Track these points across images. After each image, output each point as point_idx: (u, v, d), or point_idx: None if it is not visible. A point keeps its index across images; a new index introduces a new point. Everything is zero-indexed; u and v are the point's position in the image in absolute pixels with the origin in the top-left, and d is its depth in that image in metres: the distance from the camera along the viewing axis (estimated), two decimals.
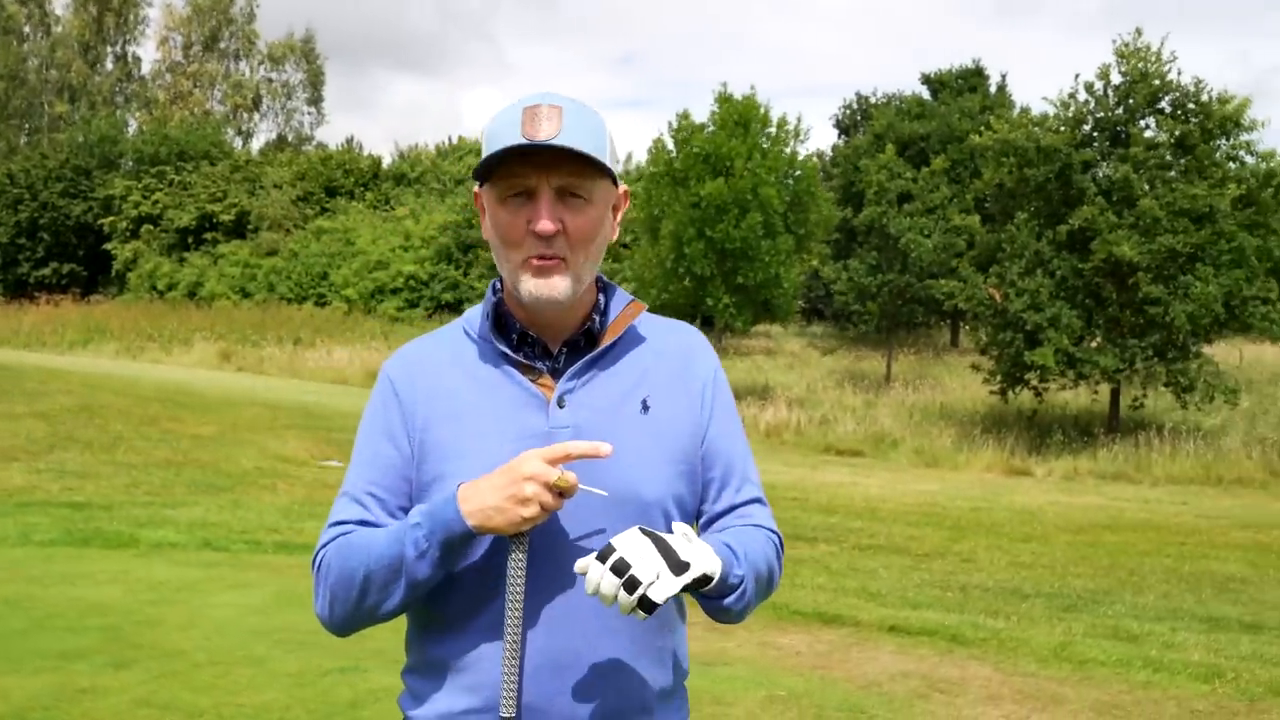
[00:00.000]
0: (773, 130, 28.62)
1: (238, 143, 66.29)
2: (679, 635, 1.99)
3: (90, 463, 14.40)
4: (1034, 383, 24.24)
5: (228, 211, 49.52)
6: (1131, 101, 23.86)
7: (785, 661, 7.00)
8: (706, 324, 41.36)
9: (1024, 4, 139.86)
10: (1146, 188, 22.66)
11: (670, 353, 2.01)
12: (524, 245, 1.87)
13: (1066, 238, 23.22)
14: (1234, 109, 23.81)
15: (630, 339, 1.98)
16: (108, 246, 51.78)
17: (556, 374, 1.94)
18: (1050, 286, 23.03)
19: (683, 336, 2.06)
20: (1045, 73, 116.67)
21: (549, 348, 1.96)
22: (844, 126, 53.37)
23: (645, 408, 1.93)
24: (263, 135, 71.80)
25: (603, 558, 1.70)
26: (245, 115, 70.57)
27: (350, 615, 1.89)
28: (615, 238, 2.01)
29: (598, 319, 1.98)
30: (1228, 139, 24.27)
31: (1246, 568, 12.26)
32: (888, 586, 9.96)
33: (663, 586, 1.69)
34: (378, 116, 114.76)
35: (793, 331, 43.99)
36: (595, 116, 1.91)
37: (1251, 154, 25.03)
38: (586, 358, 1.93)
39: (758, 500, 2.03)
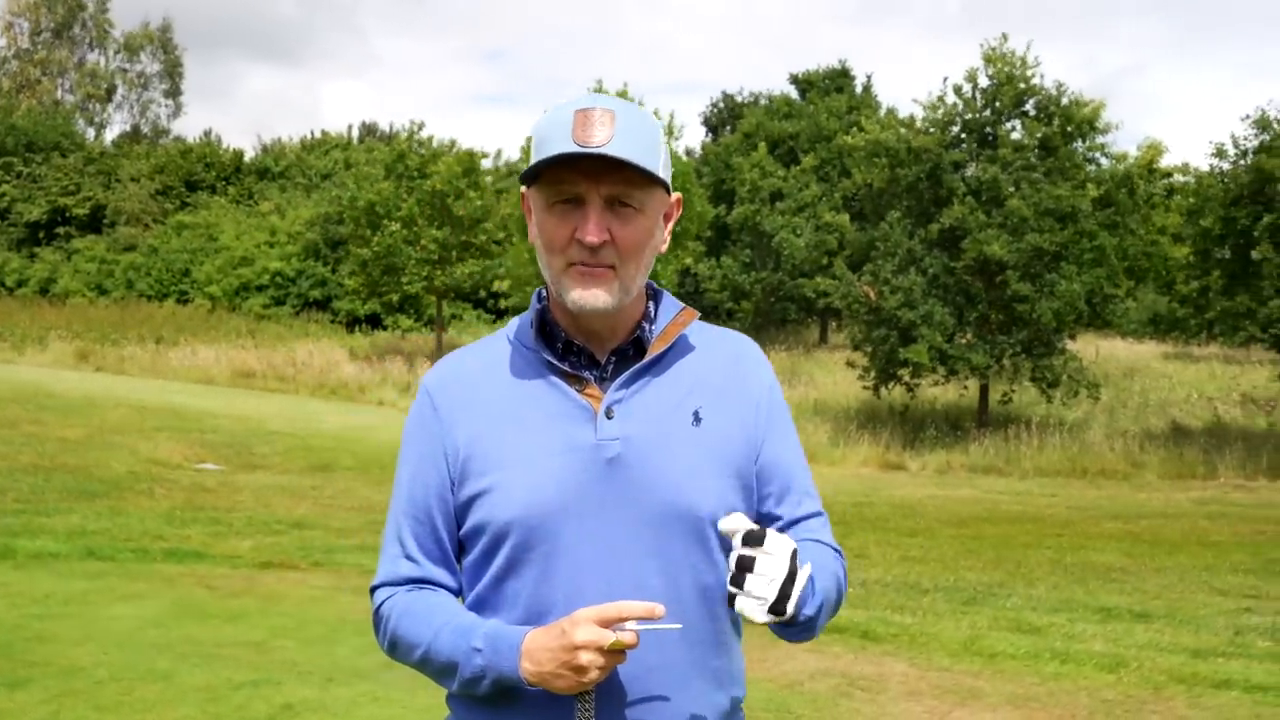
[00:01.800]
0: None
1: (90, 134, 63.97)
2: (737, 654, 1.93)
3: None
4: (907, 379, 24.76)
5: (81, 205, 47.80)
6: (998, 104, 24.52)
7: None
8: None
9: (886, 5, 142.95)
10: (1013, 188, 23.30)
11: (723, 362, 1.95)
12: (568, 251, 1.80)
13: (938, 236, 23.76)
14: (1090, 112, 24.66)
15: (681, 348, 1.91)
16: None
17: (603, 383, 1.87)
18: (923, 284, 23.54)
19: (736, 345, 2.00)
20: (907, 72, 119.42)
21: (595, 356, 1.89)
22: (712, 125, 53.88)
23: (697, 419, 1.86)
24: (117, 126, 69.57)
25: (749, 541, 1.68)
26: (98, 106, 68.20)
27: (414, 669, 1.90)
28: (665, 248, 1.93)
29: (647, 327, 1.91)
30: (1084, 141, 25.14)
31: (1123, 558, 12.69)
32: None
33: (754, 611, 1.66)
34: (234, 108, 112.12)
35: None
36: (649, 122, 1.83)
37: (1106, 156, 26.01)
38: (636, 367, 1.86)
39: (818, 514, 1.98)
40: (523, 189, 1.91)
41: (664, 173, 1.83)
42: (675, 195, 1.93)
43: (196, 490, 14.14)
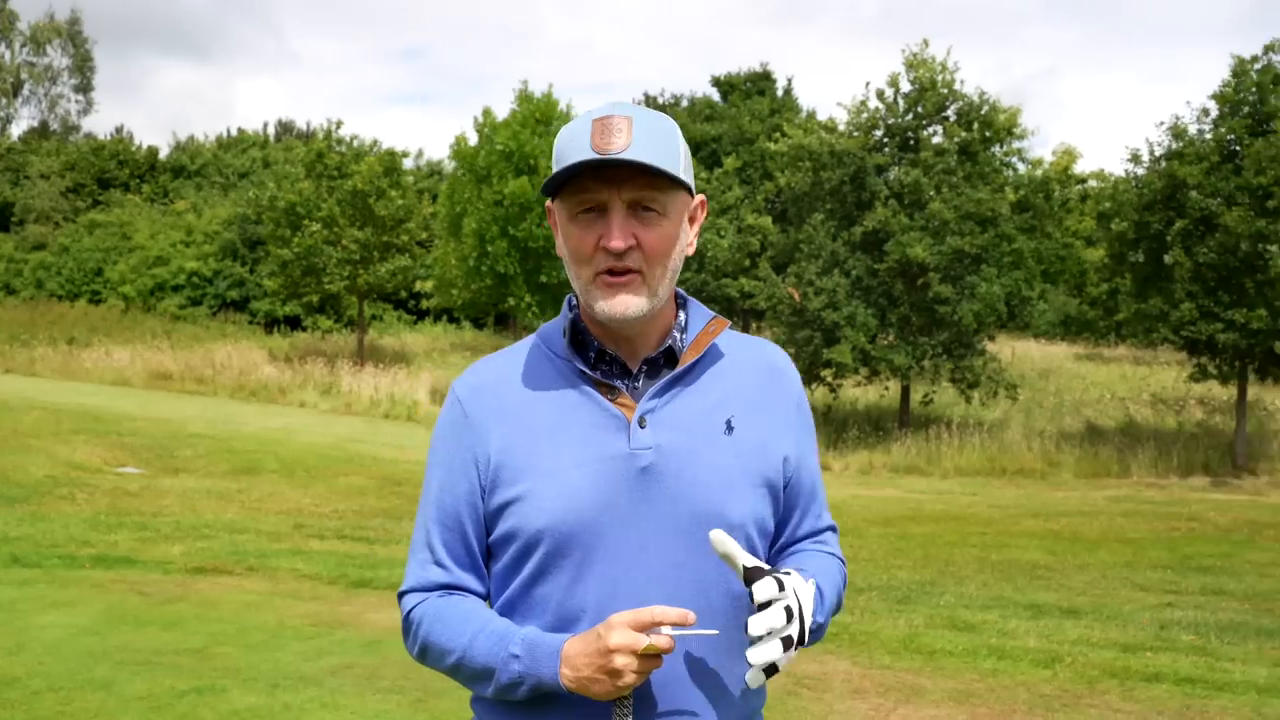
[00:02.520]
0: None
1: None
2: None
3: None
4: (830, 379, 25.03)
5: None
6: (920, 109, 24.89)
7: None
8: (500, 321, 41.34)
9: (803, 7, 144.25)
10: (935, 192, 23.66)
11: (754, 372, 1.96)
12: (595, 260, 1.81)
13: (861, 239, 24.06)
14: (1007, 118, 25.15)
15: (711, 357, 1.93)
16: None
17: (635, 393, 1.88)
18: (846, 286, 23.82)
19: (767, 355, 2.01)
20: (826, 75, 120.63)
21: (627, 365, 1.90)
22: None
23: (729, 428, 1.88)
24: (24, 122, 67.83)
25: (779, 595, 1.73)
26: (4, 101, 66.44)
27: (444, 674, 1.92)
28: (693, 250, 1.95)
29: (678, 335, 1.93)
30: (1001, 146, 25.62)
31: (1046, 555, 12.97)
32: None
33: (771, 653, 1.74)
34: (146, 104, 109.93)
35: None
36: (667, 125, 1.85)
37: (1022, 161, 26.55)
38: (668, 376, 1.87)
39: (832, 527, 2.04)
40: (548, 203, 1.93)
41: (685, 175, 1.84)
42: (699, 197, 1.94)
43: (119, 494, 13.88)
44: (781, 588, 1.72)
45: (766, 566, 1.76)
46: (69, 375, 30.87)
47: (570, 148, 1.81)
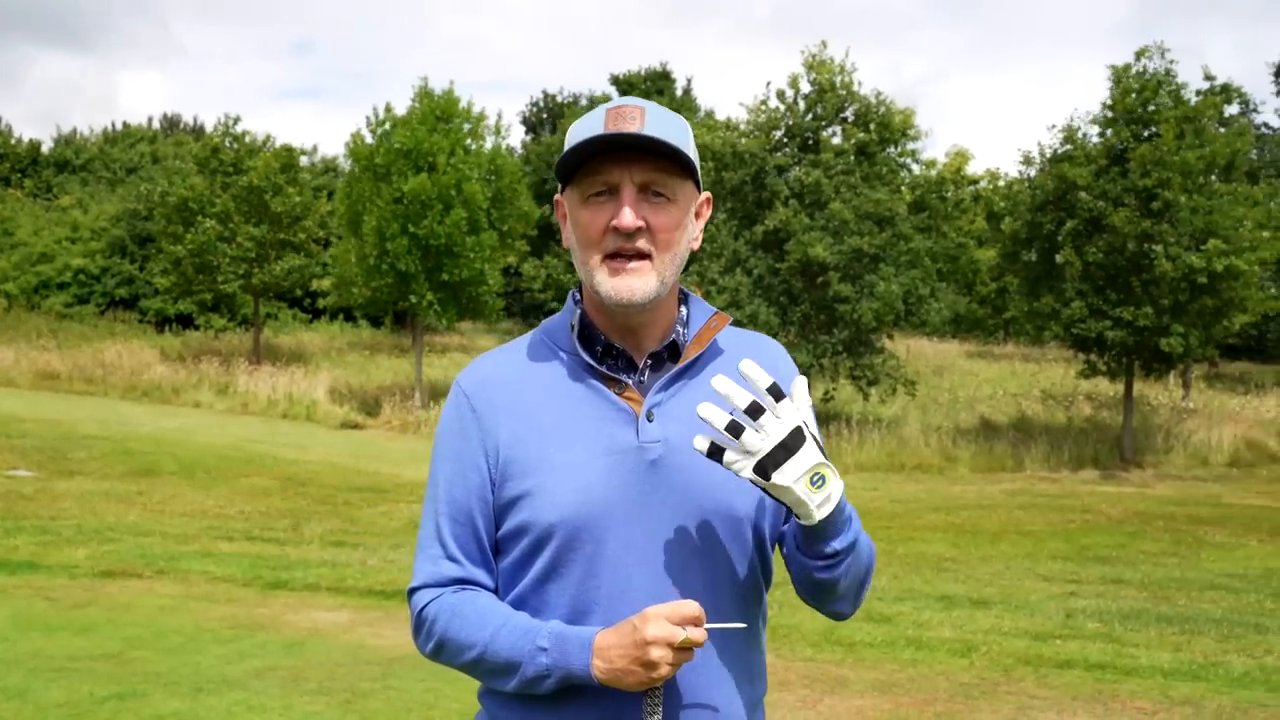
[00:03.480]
0: (470, 125, 28.44)
1: None
2: (763, 650, 2.00)
3: None
4: None
5: None
6: (820, 110, 25.21)
7: None
8: (399, 320, 40.88)
9: (698, 7, 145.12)
10: (834, 192, 23.98)
11: None
12: (604, 243, 1.84)
13: (763, 238, 24.28)
14: (901, 120, 25.62)
15: (712, 351, 1.96)
16: None
17: (640, 387, 1.90)
18: (749, 285, 24.03)
19: (764, 348, 2.04)
20: (722, 75, 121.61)
21: (633, 360, 1.92)
22: (531, 124, 53.85)
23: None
24: None
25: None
26: None
27: (457, 669, 1.91)
28: (698, 245, 1.98)
29: (681, 330, 1.96)
30: (896, 147, 26.08)
31: (950, 548, 13.26)
32: None
33: (741, 465, 1.73)
34: (21, 95, 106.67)
35: (483, 328, 43.98)
36: (678, 119, 1.89)
37: (917, 162, 27.06)
38: (674, 370, 1.90)
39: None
40: (557, 197, 1.96)
41: (695, 161, 1.88)
42: (705, 194, 1.97)
43: (13, 498, 13.47)
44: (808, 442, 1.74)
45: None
46: None
47: (584, 135, 1.84)
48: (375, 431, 24.91)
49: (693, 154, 1.89)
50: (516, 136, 59.04)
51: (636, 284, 1.83)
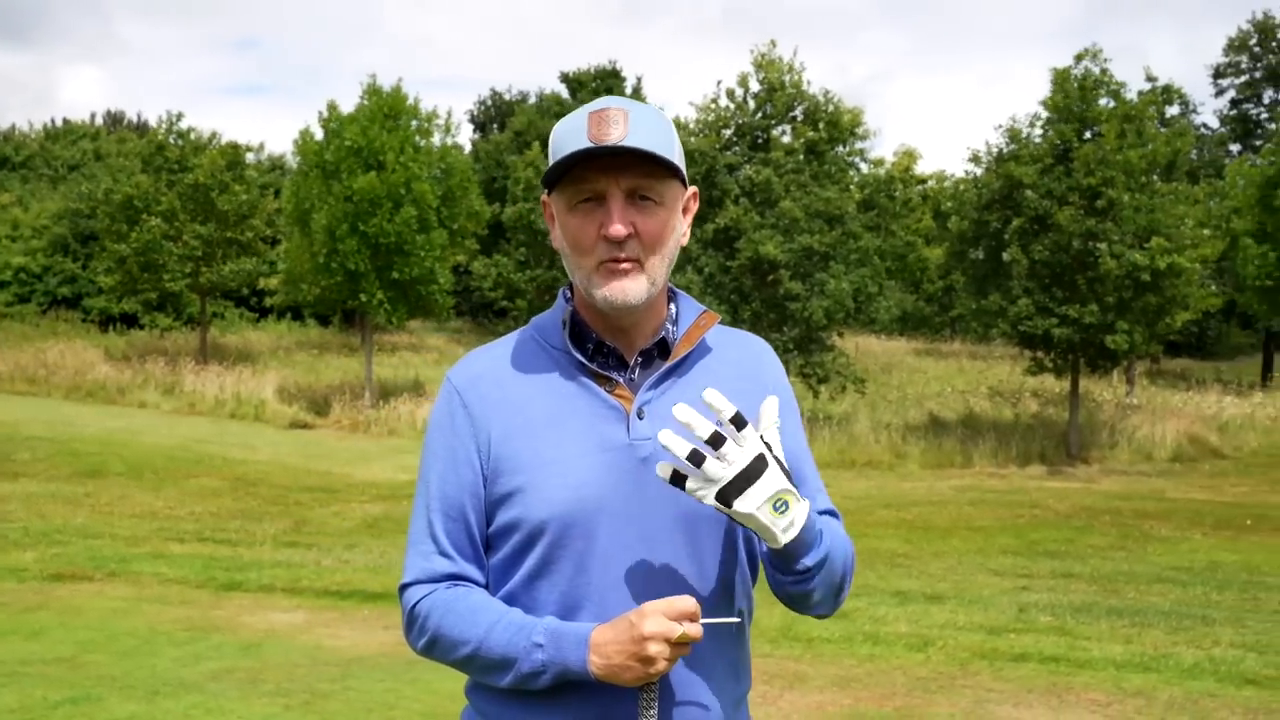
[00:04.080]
0: (419, 123, 28.29)
1: None
2: (749, 647, 2.02)
3: None
4: None
5: None
6: (770, 109, 25.33)
7: None
8: (348, 319, 40.60)
9: (648, 6, 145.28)
10: (785, 191, 24.10)
11: (740, 363, 2.01)
12: (595, 250, 1.85)
13: (713, 236, 24.35)
14: (850, 119, 25.81)
15: (700, 349, 1.97)
16: None
17: (630, 384, 1.92)
18: (699, 283, 24.09)
19: (751, 346, 2.06)
20: (670, 74, 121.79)
21: (624, 358, 1.93)
22: (479, 122, 53.74)
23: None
24: None
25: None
26: None
27: (450, 665, 1.91)
28: (686, 241, 1.99)
29: (671, 328, 1.97)
30: (845, 146, 26.27)
31: (903, 544, 13.38)
32: None
33: (703, 492, 1.72)
34: None
35: (432, 327, 43.78)
36: (661, 118, 1.89)
37: (865, 161, 27.27)
38: (663, 368, 1.91)
39: (830, 512, 2.03)
40: (544, 197, 1.96)
41: (679, 165, 1.89)
42: (692, 189, 1.98)
43: None
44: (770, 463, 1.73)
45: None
46: None
47: (568, 140, 1.84)
48: (325, 431, 24.73)
49: (678, 152, 1.90)
50: (465, 135, 58.90)
51: (630, 286, 1.85)
